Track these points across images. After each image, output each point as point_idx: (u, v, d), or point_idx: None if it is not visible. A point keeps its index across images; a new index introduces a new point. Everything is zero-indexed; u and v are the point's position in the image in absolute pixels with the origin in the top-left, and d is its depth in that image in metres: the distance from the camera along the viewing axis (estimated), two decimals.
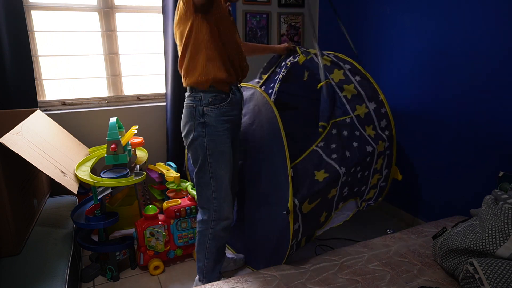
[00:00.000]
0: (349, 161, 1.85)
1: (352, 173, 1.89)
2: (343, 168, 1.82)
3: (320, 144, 1.86)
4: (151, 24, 2.66)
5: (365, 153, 1.91)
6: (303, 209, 1.72)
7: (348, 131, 1.93)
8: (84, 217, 1.91)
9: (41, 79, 2.41)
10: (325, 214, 1.89)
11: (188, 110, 1.59)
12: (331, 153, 1.84)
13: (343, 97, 1.98)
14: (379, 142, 1.98)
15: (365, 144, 1.93)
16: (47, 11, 2.35)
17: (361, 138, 1.94)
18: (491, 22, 1.89)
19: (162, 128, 2.74)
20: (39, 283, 1.38)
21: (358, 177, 1.96)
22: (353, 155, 1.88)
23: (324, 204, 1.84)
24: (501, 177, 1.81)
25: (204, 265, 1.73)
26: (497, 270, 1.17)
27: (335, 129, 1.90)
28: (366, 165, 1.97)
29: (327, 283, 1.41)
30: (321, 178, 1.77)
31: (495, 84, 1.91)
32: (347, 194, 1.96)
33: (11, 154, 1.49)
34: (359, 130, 1.96)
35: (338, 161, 1.82)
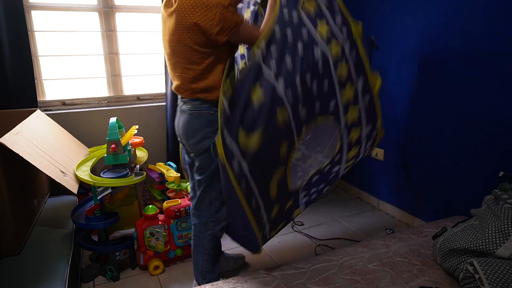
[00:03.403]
0: (290, 68, 1.46)
1: (300, 84, 1.48)
2: (281, 79, 1.43)
3: (261, 44, 1.42)
4: (151, 24, 2.66)
5: (312, 56, 1.49)
6: (241, 139, 1.39)
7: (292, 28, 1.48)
8: (84, 217, 1.91)
9: (41, 79, 2.41)
10: (285, 144, 1.51)
11: (203, 117, 1.53)
12: (268, 59, 1.44)
13: None
14: (332, 41, 1.52)
15: (311, 44, 1.49)
16: (47, 11, 2.35)
17: (308, 36, 1.50)
18: (491, 21, 1.89)
19: (162, 128, 2.74)
20: (39, 283, 1.38)
21: (314, 88, 1.53)
22: (297, 59, 1.46)
23: (276, 130, 1.45)
24: (501, 177, 1.81)
25: (203, 267, 1.73)
26: (497, 270, 1.17)
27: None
28: (320, 71, 1.53)
29: (327, 283, 1.41)
30: (255, 96, 1.42)
31: (495, 84, 1.91)
32: (306, 112, 1.54)
33: (11, 154, 1.49)
34: (307, 27, 1.50)
35: (274, 72, 1.44)
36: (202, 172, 1.62)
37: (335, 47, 1.54)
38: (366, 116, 1.71)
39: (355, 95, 1.65)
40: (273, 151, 1.48)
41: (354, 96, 1.65)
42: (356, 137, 1.74)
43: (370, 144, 1.84)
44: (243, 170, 1.43)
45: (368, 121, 1.73)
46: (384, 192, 2.76)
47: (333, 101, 1.60)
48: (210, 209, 1.66)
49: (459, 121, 2.12)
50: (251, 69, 1.41)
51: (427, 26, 2.23)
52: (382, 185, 2.76)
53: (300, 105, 1.49)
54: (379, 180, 2.78)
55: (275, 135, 1.46)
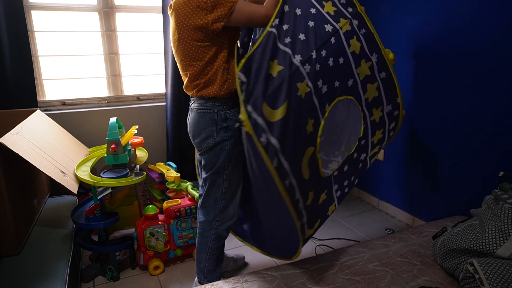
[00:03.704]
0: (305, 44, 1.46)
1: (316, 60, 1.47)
2: (298, 55, 1.43)
3: (275, 21, 1.44)
4: (151, 24, 2.66)
5: (324, 33, 1.50)
6: (267, 114, 1.36)
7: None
8: (84, 217, 1.91)
9: (41, 79, 2.41)
10: (311, 121, 1.48)
11: (208, 115, 1.55)
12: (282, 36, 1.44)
13: None
14: (341, 20, 1.54)
15: (322, 23, 1.50)
16: (47, 11, 2.35)
17: (316, 15, 1.51)
18: (493, 22, 1.89)
19: (162, 128, 2.74)
20: (39, 283, 1.38)
21: (331, 65, 1.52)
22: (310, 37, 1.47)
23: (300, 106, 1.42)
24: (501, 177, 1.82)
25: (205, 266, 1.73)
26: (497, 270, 1.17)
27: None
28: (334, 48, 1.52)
29: (327, 283, 1.41)
30: (274, 72, 1.40)
31: (495, 84, 1.91)
32: (327, 90, 1.52)
33: (11, 154, 1.49)
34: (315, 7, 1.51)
35: (290, 48, 1.44)
36: (207, 170, 1.63)
37: (345, 25, 1.55)
38: (385, 94, 1.69)
39: (371, 72, 1.63)
40: (300, 127, 1.44)
41: (370, 73, 1.63)
42: (378, 118, 1.71)
43: (393, 126, 1.80)
44: (273, 146, 1.37)
45: (388, 100, 1.71)
46: (384, 192, 2.76)
47: (350, 80, 1.58)
48: (215, 208, 1.67)
49: (459, 121, 2.12)
50: (267, 47, 1.40)
51: (427, 26, 2.23)
52: (382, 185, 2.76)
53: (320, 81, 1.48)
54: (379, 180, 2.78)
55: (299, 111, 1.42)
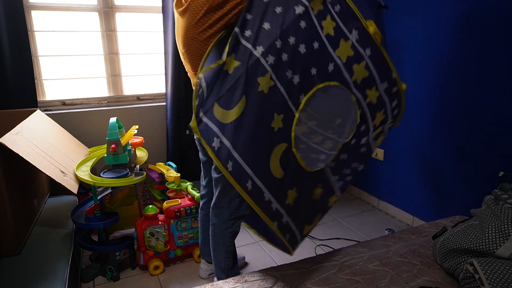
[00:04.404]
0: (269, 34, 1.34)
1: (282, 49, 1.35)
2: (260, 46, 1.32)
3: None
4: (151, 24, 2.66)
5: (293, 16, 1.36)
6: (219, 116, 1.30)
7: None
8: (84, 217, 1.91)
9: (41, 79, 2.41)
10: (279, 117, 1.38)
11: None
12: (244, 29, 1.34)
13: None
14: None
15: (292, 5, 1.38)
16: (47, 11, 2.35)
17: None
18: (494, 24, 1.89)
19: (162, 128, 2.74)
20: (39, 283, 1.38)
21: (303, 52, 1.39)
22: (275, 24, 1.35)
23: (260, 102, 1.33)
24: (501, 177, 1.81)
25: (225, 265, 1.74)
26: (497, 270, 1.17)
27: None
28: (305, 33, 1.39)
29: (327, 283, 1.41)
30: (230, 69, 1.31)
31: (495, 84, 1.91)
32: (300, 80, 1.40)
33: (11, 154, 1.49)
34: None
35: (252, 40, 1.33)
36: (220, 171, 1.62)
37: (317, 3, 1.40)
38: (377, 72, 1.52)
39: (354, 51, 1.47)
40: (262, 125, 1.35)
41: (353, 53, 1.47)
42: (376, 98, 1.57)
43: (396, 103, 1.63)
44: (227, 148, 1.30)
45: (382, 76, 1.54)
46: (384, 192, 2.76)
47: (331, 64, 1.45)
48: (230, 206, 1.66)
49: (459, 121, 2.12)
50: (230, 45, 1.34)
51: (427, 27, 2.23)
52: (382, 185, 2.76)
53: (290, 72, 1.38)
54: (379, 180, 2.78)
55: (261, 108, 1.33)
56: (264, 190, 1.37)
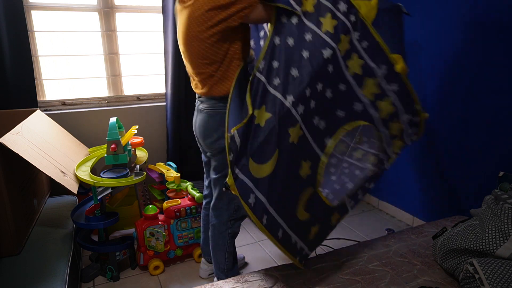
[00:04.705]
0: (298, 82, 1.30)
1: (311, 97, 1.33)
2: (290, 96, 1.29)
3: (262, 64, 1.31)
4: (151, 24, 2.66)
5: (322, 61, 1.33)
6: (253, 171, 1.28)
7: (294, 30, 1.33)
8: (84, 217, 1.91)
9: (41, 79, 2.41)
10: (306, 164, 1.38)
11: (218, 116, 1.52)
12: (272, 77, 1.31)
13: None
14: (341, 38, 1.36)
15: (319, 48, 1.33)
16: (47, 11, 2.35)
17: (312, 41, 1.34)
18: (495, 26, 1.89)
19: (162, 128, 2.74)
20: (39, 283, 1.38)
21: (329, 97, 1.39)
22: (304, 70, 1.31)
23: (291, 153, 1.32)
24: (501, 177, 1.81)
25: (225, 265, 1.74)
26: (497, 270, 1.17)
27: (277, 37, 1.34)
28: (332, 77, 1.37)
29: (327, 283, 1.41)
30: (262, 121, 1.28)
31: (496, 84, 1.91)
32: (326, 124, 1.40)
33: (11, 154, 1.49)
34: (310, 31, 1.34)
35: (281, 89, 1.30)
36: (218, 171, 1.63)
37: (344, 44, 1.36)
38: (403, 107, 1.54)
39: (380, 89, 1.48)
40: (292, 175, 1.35)
41: (380, 91, 1.48)
42: (397, 130, 1.60)
43: (414, 130, 1.67)
44: (262, 203, 1.30)
45: (406, 109, 1.56)
46: (384, 192, 2.76)
47: (357, 104, 1.46)
48: (229, 208, 1.67)
49: (459, 121, 2.12)
50: (256, 95, 1.30)
51: (425, 26, 2.23)
52: (382, 185, 2.76)
53: (317, 118, 1.38)
54: (379, 180, 2.78)
55: (291, 159, 1.33)
56: (291, 235, 1.41)
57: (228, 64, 1.46)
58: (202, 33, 1.40)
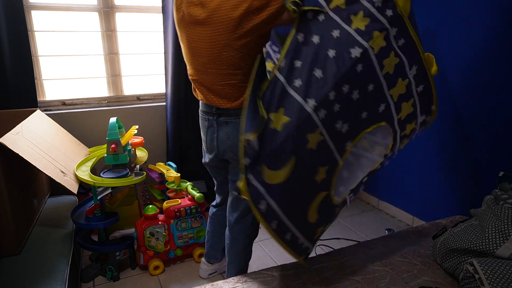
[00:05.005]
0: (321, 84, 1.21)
1: (336, 100, 1.23)
2: (312, 100, 1.20)
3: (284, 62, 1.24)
4: (151, 24, 2.66)
5: (348, 61, 1.23)
6: (266, 178, 1.22)
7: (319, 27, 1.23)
8: (84, 217, 1.91)
9: (41, 79, 2.41)
10: (323, 169, 1.30)
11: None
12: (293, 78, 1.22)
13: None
14: (374, 35, 1.24)
15: (347, 47, 1.23)
16: (47, 11, 2.35)
17: (340, 38, 1.24)
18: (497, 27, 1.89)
19: (162, 128, 2.74)
20: (39, 283, 1.38)
21: (355, 99, 1.29)
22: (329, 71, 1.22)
23: (308, 160, 1.25)
24: (501, 177, 1.81)
25: (244, 266, 1.76)
26: (497, 270, 1.17)
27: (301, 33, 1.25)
28: (361, 78, 1.27)
29: (327, 283, 1.41)
30: (279, 126, 1.21)
31: (496, 84, 1.91)
32: (349, 128, 1.31)
33: (11, 154, 1.49)
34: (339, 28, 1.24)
35: (302, 92, 1.21)
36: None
37: (378, 41, 1.24)
38: (420, 108, 1.47)
39: (407, 90, 1.39)
40: (307, 181, 1.28)
41: (406, 91, 1.39)
42: (410, 130, 1.54)
43: (423, 128, 1.63)
44: (273, 210, 1.26)
45: (422, 111, 1.50)
46: (384, 192, 2.76)
47: (382, 105, 1.35)
48: (255, 222, 1.68)
49: (459, 121, 2.12)
50: (273, 96, 1.22)
51: (431, 29, 2.23)
52: (382, 185, 2.76)
53: (340, 122, 1.27)
54: (379, 180, 2.78)
55: (308, 165, 1.26)
56: (300, 237, 1.37)
57: (250, 70, 1.37)
58: (236, 42, 1.31)
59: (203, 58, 1.41)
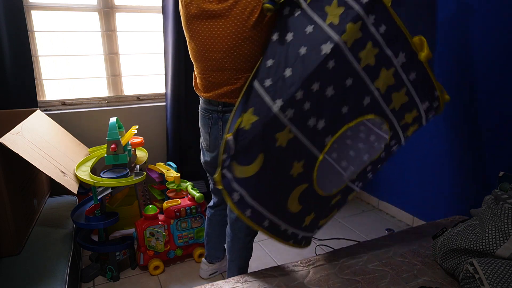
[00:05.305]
0: (289, 83, 1.21)
1: (304, 99, 1.22)
2: (279, 100, 1.20)
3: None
4: (151, 24, 2.66)
5: (318, 58, 1.19)
6: (237, 172, 1.27)
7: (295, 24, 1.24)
8: (84, 217, 1.91)
9: (41, 79, 2.41)
10: (299, 164, 1.31)
11: None
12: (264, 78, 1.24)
13: None
14: (347, 28, 1.18)
15: (318, 44, 1.20)
16: (47, 11, 2.35)
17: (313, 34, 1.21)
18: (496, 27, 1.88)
19: (162, 128, 2.74)
20: (39, 283, 1.38)
21: (330, 95, 1.26)
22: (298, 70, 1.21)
23: (279, 156, 1.27)
24: (501, 177, 1.81)
25: (244, 265, 1.76)
26: (497, 270, 1.17)
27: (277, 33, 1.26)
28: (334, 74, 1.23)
29: (327, 283, 1.41)
30: (247, 125, 1.23)
31: (496, 84, 1.91)
32: (327, 124, 1.30)
33: (11, 154, 1.49)
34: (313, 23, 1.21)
35: (272, 92, 1.22)
36: None
37: (352, 34, 1.18)
38: (418, 95, 1.40)
39: (396, 80, 1.32)
40: (281, 175, 1.31)
41: (395, 81, 1.32)
42: (412, 119, 1.47)
43: (433, 114, 1.55)
44: (246, 201, 1.31)
45: (423, 98, 1.42)
46: (384, 192, 2.76)
47: (367, 98, 1.31)
48: None
49: (459, 121, 2.11)
50: (248, 97, 1.25)
51: None
52: (382, 185, 2.76)
53: (313, 119, 1.27)
54: (379, 180, 2.78)
55: (279, 160, 1.28)
56: (280, 223, 1.40)
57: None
58: (256, 33, 1.30)
59: (219, 53, 1.38)
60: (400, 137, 1.52)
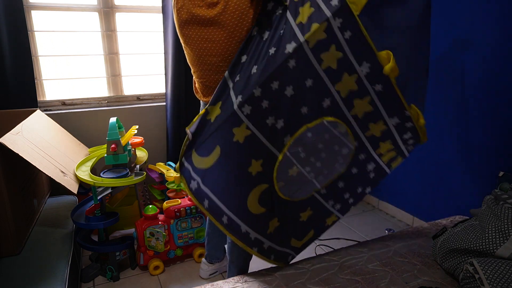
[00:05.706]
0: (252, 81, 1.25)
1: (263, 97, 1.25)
2: (240, 96, 1.25)
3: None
4: (151, 24, 2.66)
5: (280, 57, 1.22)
6: (195, 162, 1.36)
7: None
8: (84, 217, 1.91)
9: (41, 79, 2.41)
10: (257, 162, 1.33)
11: None
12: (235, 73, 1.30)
13: None
14: (312, 27, 1.18)
15: (285, 43, 1.22)
16: (47, 11, 2.35)
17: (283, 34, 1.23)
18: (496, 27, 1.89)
19: (162, 128, 2.74)
20: (39, 283, 1.38)
21: (290, 95, 1.28)
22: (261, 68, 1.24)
23: (235, 151, 1.31)
24: (501, 177, 1.81)
25: (245, 266, 1.75)
26: (497, 270, 1.17)
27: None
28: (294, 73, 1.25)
29: (327, 283, 1.41)
30: (213, 117, 1.31)
31: (496, 84, 1.91)
32: (286, 123, 1.32)
33: (11, 154, 1.49)
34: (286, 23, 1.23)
35: (238, 88, 1.28)
36: None
37: (316, 34, 1.18)
38: (384, 108, 1.37)
39: (359, 87, 1.30)
40: (238, 170, 1.33)
41: (358, 88, 1.30)
42: (380, 132, 1.43)
43: (411, 136, 1.48)
44: (203, 191, 1.36)
45: (390, 112, 1.39)
46: (384, 192, 2.76)
47: (326, 100, 1.31)
48: None
49: (459, 120, 2.11)
50: (220, 92, 1.30)
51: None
52: (382, 185, 2.76)
53: (272, 118, 1.29)
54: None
55: (236, 156, 1.32)
56: (240, 224, 1.40)
57: None
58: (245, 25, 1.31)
59: (215, 57, 1.38)
60: (370, 151, 1.47)
